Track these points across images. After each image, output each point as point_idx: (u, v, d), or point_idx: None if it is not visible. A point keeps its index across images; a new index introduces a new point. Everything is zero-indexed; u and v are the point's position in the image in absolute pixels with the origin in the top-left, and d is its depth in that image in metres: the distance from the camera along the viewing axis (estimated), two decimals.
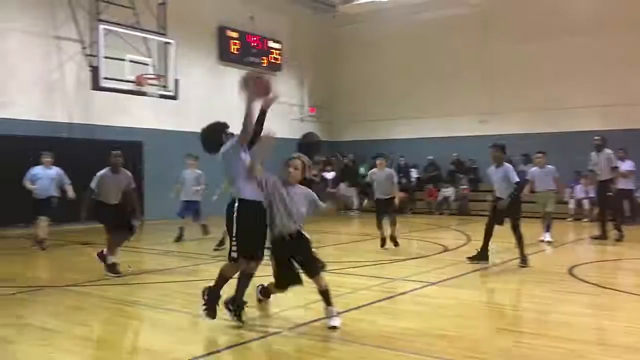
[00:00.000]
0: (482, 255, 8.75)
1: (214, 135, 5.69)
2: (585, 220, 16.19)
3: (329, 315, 5.26)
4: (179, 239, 11.76)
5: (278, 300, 6.30)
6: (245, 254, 5.30)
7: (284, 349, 4.80)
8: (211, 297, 5.43)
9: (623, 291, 6.93)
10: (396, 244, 10.49)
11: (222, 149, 5.47)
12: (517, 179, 8.66)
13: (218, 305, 5.41)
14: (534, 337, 5.05)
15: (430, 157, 20.37)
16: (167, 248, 10.97)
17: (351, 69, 22.58)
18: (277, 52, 20.53)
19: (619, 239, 11.44)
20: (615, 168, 11.72)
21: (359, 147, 21.82)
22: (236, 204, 5.25)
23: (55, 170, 10.95)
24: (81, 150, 14.05)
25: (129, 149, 15.38)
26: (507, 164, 8.78)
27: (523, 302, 6.82)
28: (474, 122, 19.80)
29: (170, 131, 16.77)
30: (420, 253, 10.15)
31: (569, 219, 16.44)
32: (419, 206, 19.73)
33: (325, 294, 5.30)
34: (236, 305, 5.34)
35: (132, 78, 13.86)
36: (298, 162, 5.46)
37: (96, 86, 13.56)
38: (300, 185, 5.48)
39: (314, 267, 5.38)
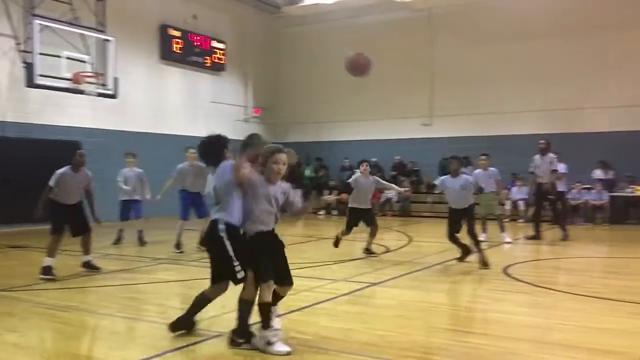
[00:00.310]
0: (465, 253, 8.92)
1: (219, 148, 5.12)
2: (520, 220, 16.77)
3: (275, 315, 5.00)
4: (117, 241, 11.44)
5: (221, 302, 6.23)
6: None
7: (224, 352, 4.74)
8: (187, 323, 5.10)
9: (557, 290, 7.20)
10: (371, 253, 9.88)
11: (223, 168, 4.96)
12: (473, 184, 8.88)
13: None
14: (471, 336, 5.18)
15: (374, 159, 20.57)
16: (105, 251, 10.65)
17: (296, 71, 22.61)
18: (221, 52, 20.33)
19: (565, 239, 11.95)
20: (555, 171, 12.18)
21: (303, 149, 21.79)
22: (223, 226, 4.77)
23: None
24: (16, 149, 13.50)
25: (66, 149, 14.93)
26: (464, 175, 8.93)
27: (461, 302, 6.99)
28: (417, 125, 20.19)
29: (110, 130, 16.33)
30: (359, 254, 10.24)
31: (505, 220, 16.93)
32: None
33: (276, 300, 4.96)
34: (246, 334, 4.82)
35: (69, 76, 13.42)
36: (284, 157, 4.87)
37: (30, 83, 13.07)
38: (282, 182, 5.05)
39: (290, 276, 4.93)
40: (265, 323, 4.69)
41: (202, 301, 5.14)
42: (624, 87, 17.10)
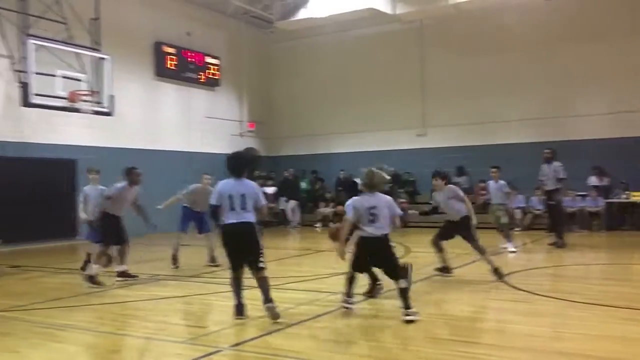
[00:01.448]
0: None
1: (249, 164, 6.52)
2: (517, 229, 16.80)
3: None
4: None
5: (217, 318, 6.23)
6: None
7: None
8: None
9: (556, 297, 7.21)
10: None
11: (252, 185, 6.50)
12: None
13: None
14: (472, 346, 5.18)
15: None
16: (104, 269, 10.61)
17: (290, 84, 22.72)
18: (215, 67, 20.42)
19: (561, 246, 11.97)
20: (561, 179, 12.20)
21: (299, 162, 21.91)
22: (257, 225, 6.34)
23: None
24: (13, 168, 13.49)
25: (62, 167, 14.99)
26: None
27: (460, 312, 7.00)
28: (411, 135, 20.28)
29: (105, 148, 16.35)
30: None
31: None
32: None
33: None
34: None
35: (65, 94, 13.44)
36: None
37: (26, 103, 13.07)
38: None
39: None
40: None
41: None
42: (617, 93, 17.22)
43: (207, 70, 20.10)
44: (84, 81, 14.03)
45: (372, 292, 7.29)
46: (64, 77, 13.47)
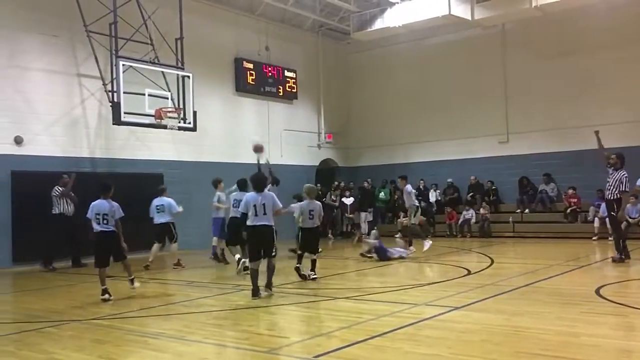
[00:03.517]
0: None
1: (266, 182, 8.80)
2: (610, 239, 15.93)
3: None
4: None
5: (299, 328, 6.27)
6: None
7: None
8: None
9: None
10: None
11: (271, 195, 8.56)
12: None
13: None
14: None
15: (450, 180, 20.28)
16: (190, 279, 11.01)
17: (366, 94, 22.74)
18: (293, 80, 20.77)
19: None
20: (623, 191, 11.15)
21: (377, 172, 21.83)
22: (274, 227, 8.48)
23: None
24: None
25: (150, 181, 15.68)
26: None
27: (550, 325, 6.69)
28: (493, 143, 19.75)
29: (189, 162, 16.97)
30: (443, 277, 10.04)
31: (594, 238, 16.20)
32: (440, 229, 19.59)
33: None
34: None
35: (152, 112, 14.08)
36: None
37: (117, 121, 13.80)
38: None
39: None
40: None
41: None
42: None
43: (285, 84, 20.48)
44: (169, 98, 14.65)
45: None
46: (151, 95, 14.13)
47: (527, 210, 18.49)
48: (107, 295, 8.54)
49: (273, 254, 8.41)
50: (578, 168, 17.79)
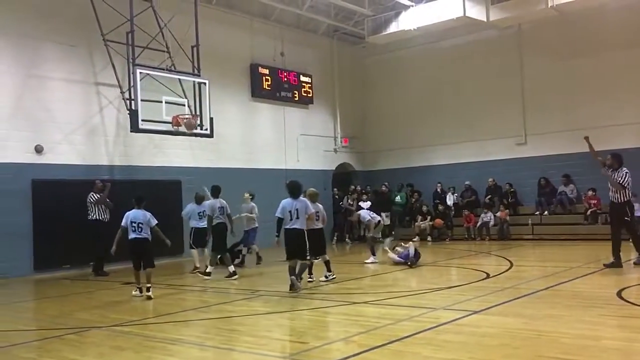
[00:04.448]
0: None
1: (301, 189, 9.58)
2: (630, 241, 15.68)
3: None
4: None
5: (318, 333, 6.26)
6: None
7: None
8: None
9: None
10: None
11: (305, 201, 9.54)
12: None
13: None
14: None
15: (468, 183, 20.15)
16: (206, 285, 11.05)
17: (382, 98, 22.70)
18: (308, 85, 20.81)
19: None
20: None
21: (393, 175, 21.77)
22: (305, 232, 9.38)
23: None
24: (122, 191, 14.34)
25: (168, 187, 15.81)
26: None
27: (571, 329, 6.60)
28: (511, 144, 19.59)
29: (206, 168, 17.07)
30: (461, 280, 9.96)
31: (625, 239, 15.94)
32: (457, 232, 19.46)
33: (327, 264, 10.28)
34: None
35: (169, 119, 14.18)
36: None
37: (135, 128, 13.91)
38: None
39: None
40: None
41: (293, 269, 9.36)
42: None
43: (300, 89, 20.53)
44: (186, 105, 14.74)
45: None
46: (168, 103, 14.23)
47: (546, 213, 18.29)
48: (138, 292, 9.73)
49: (304, 255, 9.39)
50: (598, 169, 17.53)
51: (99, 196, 13.33)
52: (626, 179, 10.49)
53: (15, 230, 13.24)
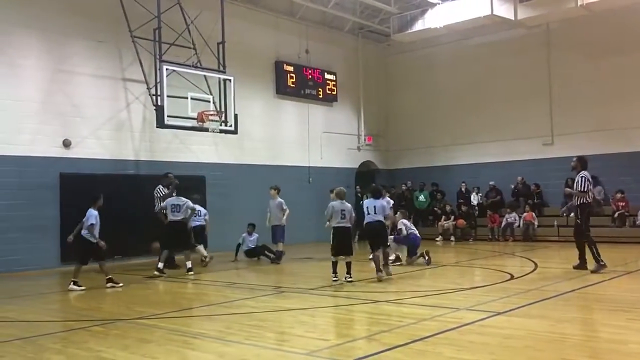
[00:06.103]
0: None
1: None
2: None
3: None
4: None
5: (340, 331, 6.26)
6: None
7: None
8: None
9: None
10: None
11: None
12: None
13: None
14: None
15: (492, 183, 19.94)
16: (230, 280, 11.13)
17: (407, 96, 22.58)
18: (333, 83, 20.79)
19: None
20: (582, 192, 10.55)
21: (416, 174, 21.65)
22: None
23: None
24: (147, 186, 14.51)
25: (193, 183, 15.92)
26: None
27: (596, 332, 6.51)
28: (537, 145, 19.34)
29: (231, 164, 17.17)
30: (485, 281, 9.87)
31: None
32: (481, 232, 19.27)
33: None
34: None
35: (194, 115, 14.30)
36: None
37: (161, 124, 14.05)
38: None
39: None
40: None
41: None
42: None
43: (325, 86, 20.52)
44: (211, 102, 14.85)
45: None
46: (193, 99, 14.34)
47: (572, 214, 17.97)
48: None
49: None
50: (626, 170, 17.28)
51: (166, 191, 13.10)
52: (582, 184, 10.46)
53: (44, 223, 13.51)
